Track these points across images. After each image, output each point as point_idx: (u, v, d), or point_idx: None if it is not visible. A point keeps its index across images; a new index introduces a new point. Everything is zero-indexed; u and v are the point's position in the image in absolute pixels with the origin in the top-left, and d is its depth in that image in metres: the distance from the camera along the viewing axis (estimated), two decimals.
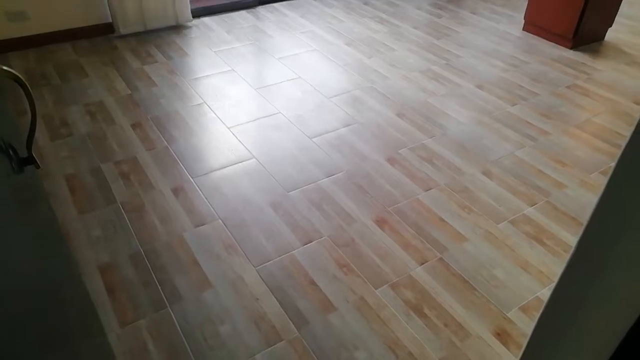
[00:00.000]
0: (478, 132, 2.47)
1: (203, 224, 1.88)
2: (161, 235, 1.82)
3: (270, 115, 2.56)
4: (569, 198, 2.06)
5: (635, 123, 0.46)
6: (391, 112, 2.61)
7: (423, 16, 3.82)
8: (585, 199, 2.06)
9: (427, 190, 2.07)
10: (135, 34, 3.33)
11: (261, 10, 3.79)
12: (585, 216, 1.97)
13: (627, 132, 2.51)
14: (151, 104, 2.62)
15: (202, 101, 2.66)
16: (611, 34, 3.50)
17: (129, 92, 2.71)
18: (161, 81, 2.83)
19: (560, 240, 1.86)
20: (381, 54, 3.22)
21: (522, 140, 2.42)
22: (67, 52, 3.11)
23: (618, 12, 3.42)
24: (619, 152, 0.49)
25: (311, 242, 1.81)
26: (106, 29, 3.31)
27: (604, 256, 0.55)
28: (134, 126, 2.44)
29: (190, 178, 2.11)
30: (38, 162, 0.80)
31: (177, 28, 3.44)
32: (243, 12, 3.73)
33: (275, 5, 3.87)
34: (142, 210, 1.93)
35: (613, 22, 3.44)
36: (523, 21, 3.58)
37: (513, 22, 3.71)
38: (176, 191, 2.03)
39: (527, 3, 3.50)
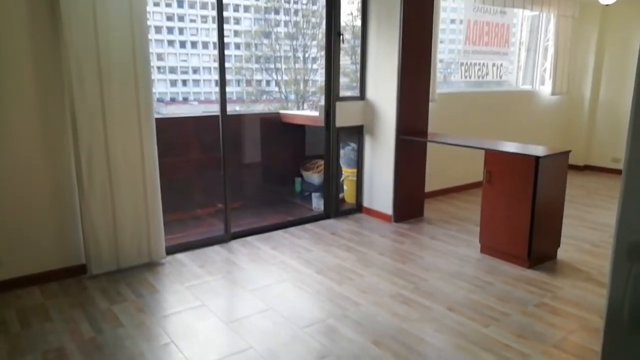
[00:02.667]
0: (459, 358, 2.38)
1: None
2: None
3: (242, 351, 2.44)
4: None
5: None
6: (367, 341, 2.54)
7: (387, 243, 4.08)
8: None
9: None
10: (107, 273, 3.36)
11: (234, 244, 3.98)
12: None
13: None
14: (115, 347, 2.47)
15: (170, 340, 2.54)
16: (562, 253, 3.77)
17: (93, 335, 2.59)
18: (128, 321, 2.74)
19: None
20: (351, 281, 3.30)
21: None
22: (34, 295, 3.06)
23: (562, 234, 3.76)
24: None
25: None
26: (78, 270, 3.34)
27: None
28: None
29: None
30: None
31: (150, 265, 3.51)
32: (216, 247, 3.90)
33: (248, 238, 4.09)
34: None
35: (560, 242, 3.75)
36: (479, 244, 3.85)
37: (470, 246, 3.99)
38: None
39: (479, 229, 3.83)
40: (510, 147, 3.82)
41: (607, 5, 5.91)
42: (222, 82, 3.84)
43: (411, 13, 4.28)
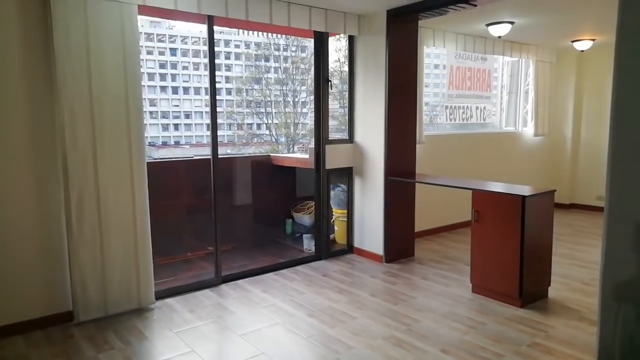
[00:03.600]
0: None
1: None
2: None
3: None
4: None
5: None
6: None
7: (379, 284, 4.06)
8: None
9: None
10: (95, 320, 3.28)
11: (225, 287, 3.94)
12: None
13: None
14: None
15: None
16: (553, 292, 3.78)
17: None
18: None
19: None
20: (343, 323, 3.26)
21: None
22: (18, 345, 2.97)
23: (552, 272, 3.79)
24: None
25: None
26: (65, 318, 3.26)
27: None
28: None
29: None
30: None
31: (139, 311, 3.45)
32: (207, 291, 3.85)
33: (239, 282, 4.05)
34: None
35: (550, 281, 3.77)
36: (471, 284, 3.85)
37: (462, 285, 3.99)
38: None
39: (469, 268, 3.84)
40: (497, 187, 3.90)
41: (582, 51, 6.20)
42: (214, 126, 3.91)
43: (396, 59, 4.45)
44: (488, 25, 4.97)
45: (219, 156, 3.97)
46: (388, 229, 4.57)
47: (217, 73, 3.96)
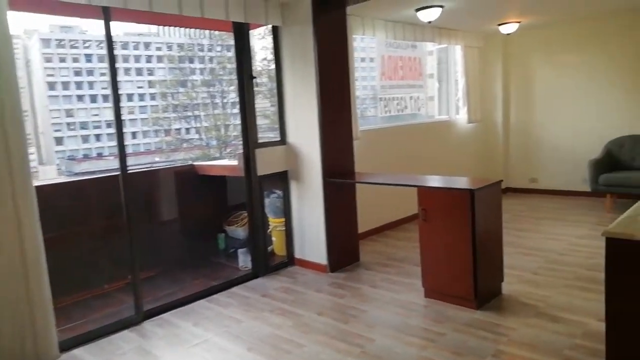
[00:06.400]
0: None
1: None
2: None
3: None
4: None
5: None
6: None
7: (325, 299, 3.68)
8: None
9: None
10: None
11: (147, 325, 3.38)
12: None
13: None
14: None
15: None
16: (506, 287, 3.59)
17: None
18: None
19: None
20: (289, 355, 2.85)
21: None
22: None
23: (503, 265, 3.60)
24: None
25: None
26: None
27: None
28: None
29: None
30: None
31: None
32: (126, 332, 3.27)
33: (164, 316, 3.50)
34: None
35: (503, 276, 3.58)
36: (422, 288, 3.58)
37: (413, 290, 3.70)
38: None
39: (420, 270, 3.57)
40: (443, 181, 3.65)
41: (508, 34, 6.17)
42: (120, 137, 3.37)
43: (326, 50, 4.08)
44: (417, 10, 4.72)
45: (136, 169, 3.43)
46: (330, 235, 4.21)
47: (139, 78, 3.43)
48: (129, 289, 3.55)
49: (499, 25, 5.91)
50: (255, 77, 4.17)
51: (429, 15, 4.78)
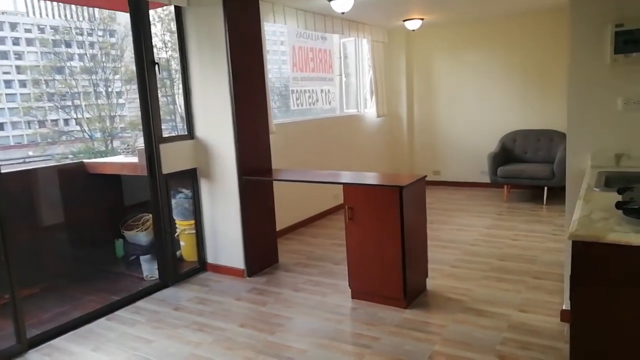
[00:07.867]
0: None
1: None
2: None
3: None
4: None
5: None
6: None
7: (246, 307, 3.37)
8: None
9: None
10: None
11: (33, 356, 2.79)
12: None
13: None
14: None
15: None
16: (430, 282, 3.58)
17: None
18: None
19: None
20: None
21: None
22: None
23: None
24: None
25: None
26: None
27: None
28: None
29: None
30: None
31: None
32: None
33: (54, 342, 2.92)
34: None
35: (427, 272, 3.56)
36: (349, 289, 3.43)
37: (338, 291, 3.54)
38: None
39: (344, 269, 3.41)
40: (367, 178, 3.52)
41: (413, 30, 6.28)
42: None
43: (238, 35, 3.73)
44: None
45: (9, 165, 2.81)
46: (247, 236, 3.89)
47: (5, 62, 2.78)
48: (6, 312, 2.91)
49: (405, 20, 5.99)
50: (157, 63, 3.68)
51: (342, 6, 4.62)
